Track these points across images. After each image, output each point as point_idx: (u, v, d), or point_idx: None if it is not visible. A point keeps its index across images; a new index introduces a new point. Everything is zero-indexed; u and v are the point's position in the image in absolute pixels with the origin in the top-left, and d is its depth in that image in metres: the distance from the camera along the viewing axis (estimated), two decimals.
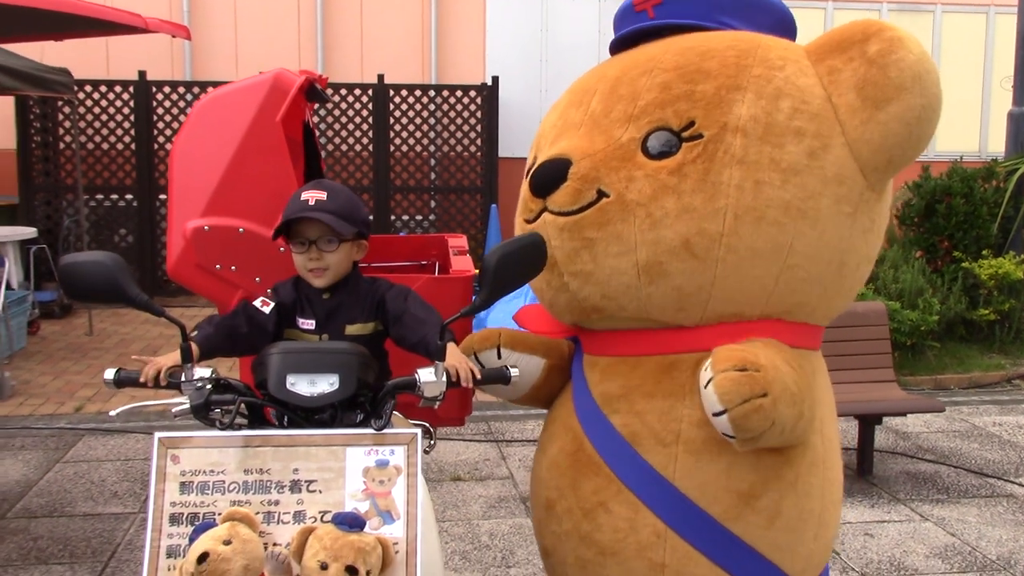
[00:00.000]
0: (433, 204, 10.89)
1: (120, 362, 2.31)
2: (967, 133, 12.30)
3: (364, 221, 2.48)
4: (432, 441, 2.48)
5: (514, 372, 2.34)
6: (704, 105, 2.33)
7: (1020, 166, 8.66)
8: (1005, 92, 11.48)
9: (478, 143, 10.82)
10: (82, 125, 10.02)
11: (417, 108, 10.66)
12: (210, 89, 3.04)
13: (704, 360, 2.25)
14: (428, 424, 2.50)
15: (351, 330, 2.43)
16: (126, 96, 10.17)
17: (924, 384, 7.36)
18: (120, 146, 10.25)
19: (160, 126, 10.25)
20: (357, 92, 10.51)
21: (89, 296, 2.15)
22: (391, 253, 3.81)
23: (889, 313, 6.60)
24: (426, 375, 2.16)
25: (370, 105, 10.53)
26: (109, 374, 2.19)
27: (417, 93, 10.65)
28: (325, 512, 1.95)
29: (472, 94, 10.75)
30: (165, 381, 2.14)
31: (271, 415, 2.24)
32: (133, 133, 10.21)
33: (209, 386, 2.12)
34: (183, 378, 2.13)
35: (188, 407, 2.11)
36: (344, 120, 10.52)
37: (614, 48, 2.73)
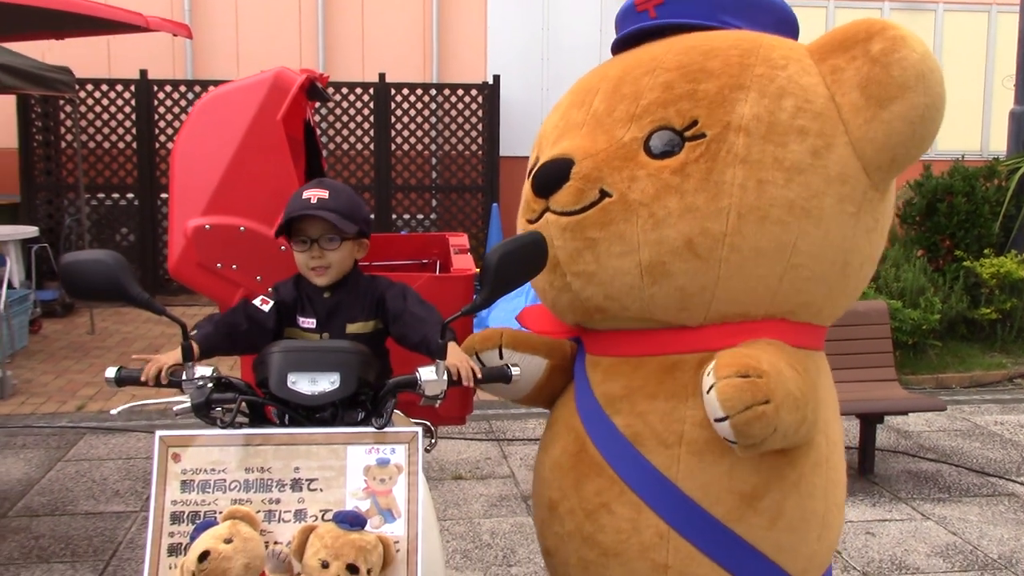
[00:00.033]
0: (434, 203, 10.89)
1: (122, 361, 2.32)
2: (969, 132, 12.29)
3: (365, 219, 2.49)
4: (433, 440, 2.48)
5: (515, 371, 2.33)
6: (707, 104, 2.32)
7: (1022, 165, 8.65)
8: (1007, 91, 11.47)
9: (479, 142, 10.81)
10: (83, 124, 10.03)
11: (418, 107, 10.65)
12: (211, 88, 3.04)
13: (707, 360, 2.24)
14: (429, 423, 2.49)
15: (352, 329, 2.43)
16: (127, 95, 10.17)
17: (925, 383, 7.35)
18: (121, 145, 10.25)
19: (161, 125, 10.25)
20: (358, 91, 10.51)
21: (90, 295, 2.15)
22: (392, 252, 3.81)
23: (890, 312, 6.59)
24: (427, 374, 2.16)
25: (371, 104, 10.53)
26: (110, 373, 2.19)
27: (418, 92, 10.65)
28: (326, 511, 1.95)
29: (473, 93, 10.75)
30: (166, 380, 2.14)
31: (272, 414, 2.25)
32: (134, 132, 10.21)
33: (210, 385, 2.12)
34: (184, 377, 2.13)
35: (189, 406, 2.11)
36: (345, 119, 10.52)
37: (616, 48, 2.73)
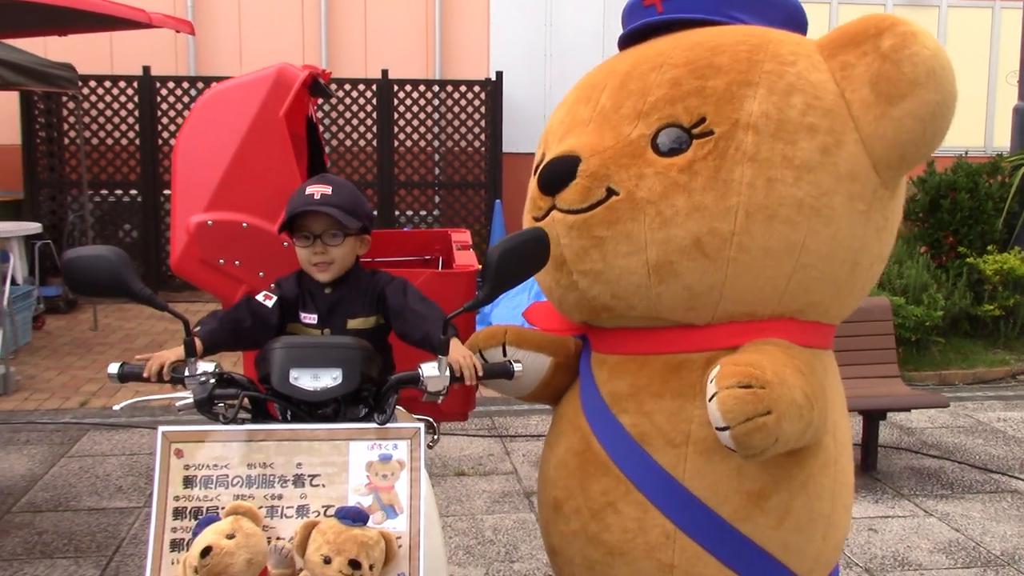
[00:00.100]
0: (437, 200, 10.88)
1: (125, 357, 2.33)
2: (972, 128, 12.26)
3: (368, 215, 2.49)
4: (436, 436, 2.49)
5: (518, 368, 2.33)
6: (715, 101, 2.29)
7: None
8: (1011, 87, 11.45)
9: (482, 138, 10.81)
10: (86, 120, 10.03)
11: (421, 103, 10.65)
12: (214, 84, 3.04)
13: (714, 360, 2.22)
14: (432, 419, 2.50)
15: (353, 324, 2.44)
16: (130, 91, 10.17)
17: (928, 380, 7.34)
18: (124, 141, 10.25)
19: (164, 121, 10.25)
20: (361, 87, 10.50)
21: (93, 291, 2.15)
22: (395, 248, 3.81)
23: (894, 308, 6.59)
24: (429, 370, 2.16)
25: (374, 100, 10.52)
26: (113, 368, 2.19)
27: (421, 88, 10.64)
28: (328, 506, 1.95)
29: (476, 89, 10.74)
30: (168, 376, 2.15)
31: (275, 409, 2.25)
32: (137, 128, 10.21)
33: (212, 380, 2.12)
34: (187, 373, 2.14)
35: (192, 401, 2.11)
36: (348, 115, 10.51)
37: (623, 43, 2.70)
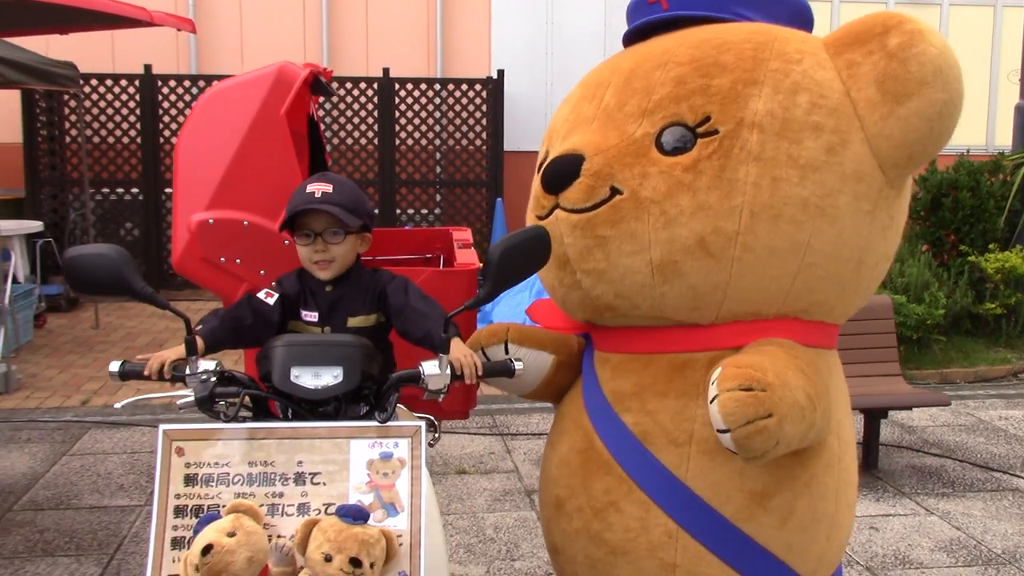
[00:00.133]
0: (438, 198, 10.88)
1: (126, 355, 2.33)
2: (974, 126, 12.25)
3: (369, 213, 2.49)
4: (437, 434, 2.49)
5: (519, 366, 2.32)
6: (720, 100, 2.28)
7: None
8: (1012, 85, 11.45)
9: (483, 137, 10.80)
10: (88, 119, 10.04)
11: (423, 102, 10.64)
12: (215, 83, 3.04)
13: (718, 359, 2.21)
14: (433, 417, 2.50)
15: (353, 322, 2.44)
16: (132, 90, 10.18)
17: (930, 378, 7.34)
18: (126, 140, 10.26)
19: (166, 120, 10.26)
20: (362, 86, 10.50)
21: (94, 289, 2.15)
22: (396, 246, 3.81)
23: (895, 307, 6.57)
24: (430, 368, 2.16)
25: (375, 99, 10.52)
26: (114, 367, 2.19)
27: (423, 87, 10.64)
28: (329, 504, 1.96)
29: (478, 88, 10.74)
30: (169, 374, 2.15)
31: (276, 408, 2.25)
32: (139, 127, 10.22)
33: (213, 379, 2.12)
34: (188, 371, 2.14)
35: (193, 400, 2.11)
36: (349, 114, 10.51)
37: (627, 39, 2.68)
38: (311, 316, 2.45)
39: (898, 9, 11.88)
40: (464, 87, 10.72)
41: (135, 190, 10.28)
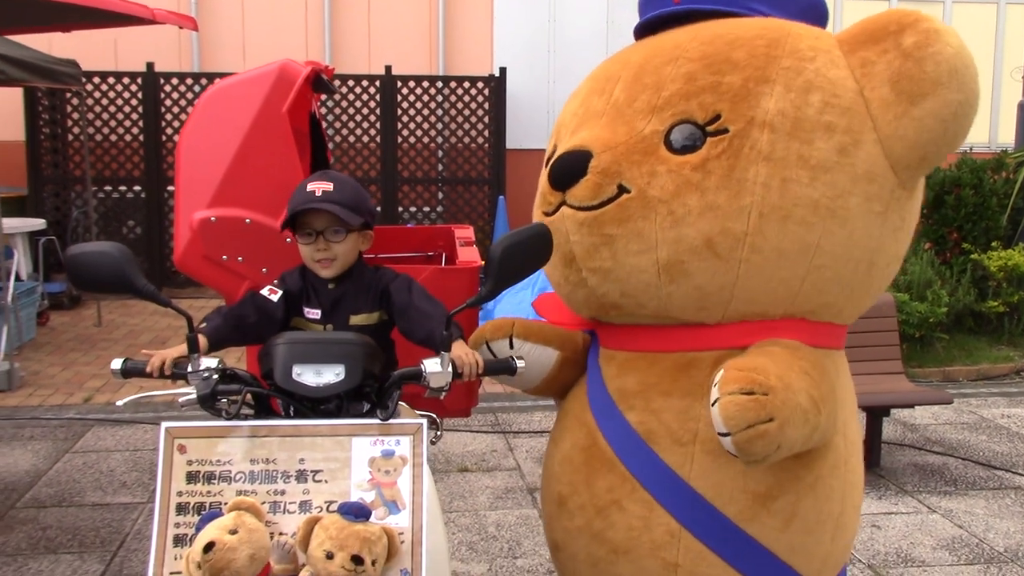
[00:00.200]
0: (440, 196, 10.88)
1: (129, 353, 2.33)
2: (977, 124, 12.00)
3: (370, 211, 2.49)
4: (438, 432, 2.49)
5: (520, 364, 2.32)
6: (731, 98, 2.24)
7: None
8: (1015, 83, 11.42)
9: (485, 135, 10.80)
10: (90, 117, 10.05)
11: (425, 99, 10.64)
12: (217, 81, 3.04)
13: (723, 359, 2.19)
14: (434, 415, 2.50)
15: (356, 320, 2.44)
16: (134, 88, 10.18)
17: (932, 376, 7.34)
18: (128, 137, 10.27)
19: (168, 118, 10.26)
20: (364, 83, 10.50)
21: (96, 286, 2.15)
22: (398, 244, 3.81)
23: (897, 305, 6.58)
24: (432, 366, 2.15)
25: (377, 96, 10.52)
26: (116, 364, 2.19)
27: (425, 84, 10.64)
28: (331, 502, 1.95)
29: (480, 85, 10.74)
30: (170, 371, 2.15)
31: (277, 405, 2.25)
32: (141, 125, 10.23)
33: (215, 376, 2.12)
34: (190, 368, 2.14)
35: (195, 397, 2.11)
36: (351, 112, 10.51)
37: (639, 32, 2.64)
38: (313, 313, 2.45)
39: (902, 6, 11.88)
40: (466, 85, 10.72)
41: (137, 188, 10.29)
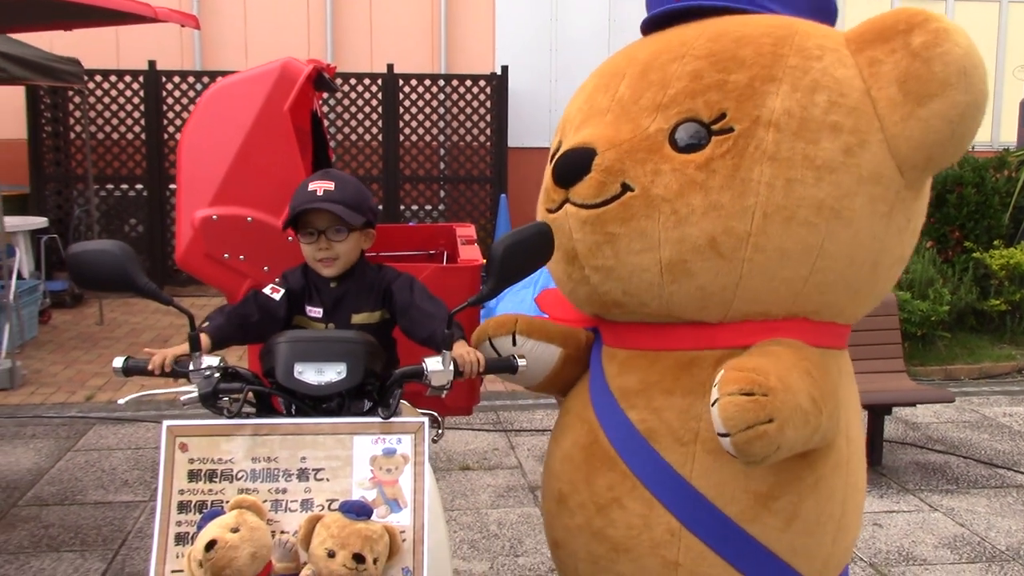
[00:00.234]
0: (442, 194, 10.88)
1: (130, 351, 2.33)
2: None
3: (372, 210, 2.49)
4: (440, 430, 2.49)
5: (521, 363, 2.32)
6: (736, 96, 2.22)
7: None
8: (1017, 81, 11.43)
9: (487, 133, 10.80)
10: (92, 115, 10.05)
11: (426, 98, 10.64)
12: (219, 79, 3.05)
13: (725, 358, 2.18)
14: (436, 413, 2.50)
15: (357, 319, 2.44)
16: (136, 86, 10.19)
17: (934, 374, 7.33)
18: (130, 136, 10.27)
19: (170, 116, 10.27)
20: (366, 82, 10.50)
21: (97, 285, 2.15)
22: (400, 243, 3.81)
23: (899, 303, 6.57)
24: (433, 364, 2.15)
25: (379, 95, 10.52)
26: (118, 363, 2.19)
27: (426, 83, 10.63)
28: (332, 500, 1.96)
29: (481, 84, 10.73)
30: (169, 368, 2.15)
31: (279, 403, 2.25)
32: (143, 123, 10.23)
33: (217, 375, 2.12)
34: (191, 367, 2.14)
35: (196, 396, 2.11)
36: (353, 110, 10.51)
37: (646, 27, 2.62)
38: (315, 312, 2.46)
39: (903, 3, 11.88)
40: (468, 83, 10.71)
41: (139, 186, 10.30)
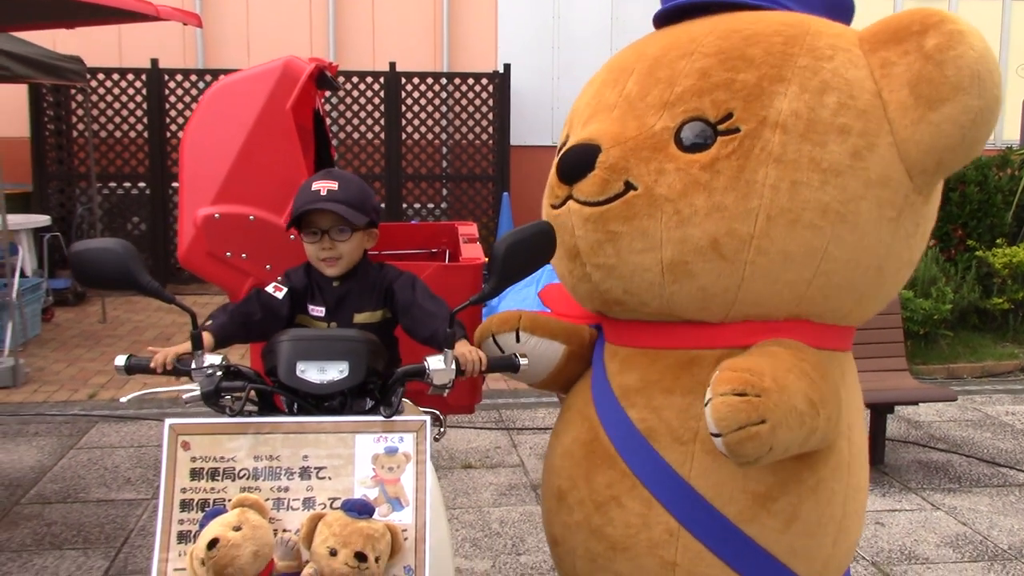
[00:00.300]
0: (444, 192, 10.88)
1: (133, 349, 2.33)
2: None
3: (375, 209, 2.49)
4: (442, 428, 2.49)
5: (523, 362, 2.32)
6: (744, 96, 2.20)
7: None
8: (1020, 80, 11.40)
9: (490, 131, 10.79)
10: (95, 113, 10.05)
11: (429, 96, 10.64)
12: (221, 77, 3.06)
13: (725, 358, 2.17)
14: (438, 412, 2.50)
15: (359, 318, 2.44)
16: (139, 84, 10.19)
17: (937, 373, 7.33)
18: (133, 134, 10.27)
19: (172, 114, 10.27)
20: (369, 80, 10.49)
21: (100, 283, 2.15)
22: (402, 241, 3.81)
23: (902, 302, 6.57)
24: (435, 363, 2.16)
25: (382, 93, 10.51)
26: (120, 361, 2.19)
27: (429, 81, 10.63)
28: (334, 499, 1.96)
29: (484, 82, 10.73)
30: (172, 366, 2.15)
31: (281, 402, 2.25)
32: (146, 121, 10.23)
33: (219, 373, 2.12)
34: (193, 365, 2.14)
35: (198, 394, 2.12)
36: (356, 108, 10.51)
37: (658, 21, 2.61)
38: (318, 311, 2.46)
39: (907, 4, 11.87)
40: (470, 81, 10.71)
41: (142, 184, 10.30)
